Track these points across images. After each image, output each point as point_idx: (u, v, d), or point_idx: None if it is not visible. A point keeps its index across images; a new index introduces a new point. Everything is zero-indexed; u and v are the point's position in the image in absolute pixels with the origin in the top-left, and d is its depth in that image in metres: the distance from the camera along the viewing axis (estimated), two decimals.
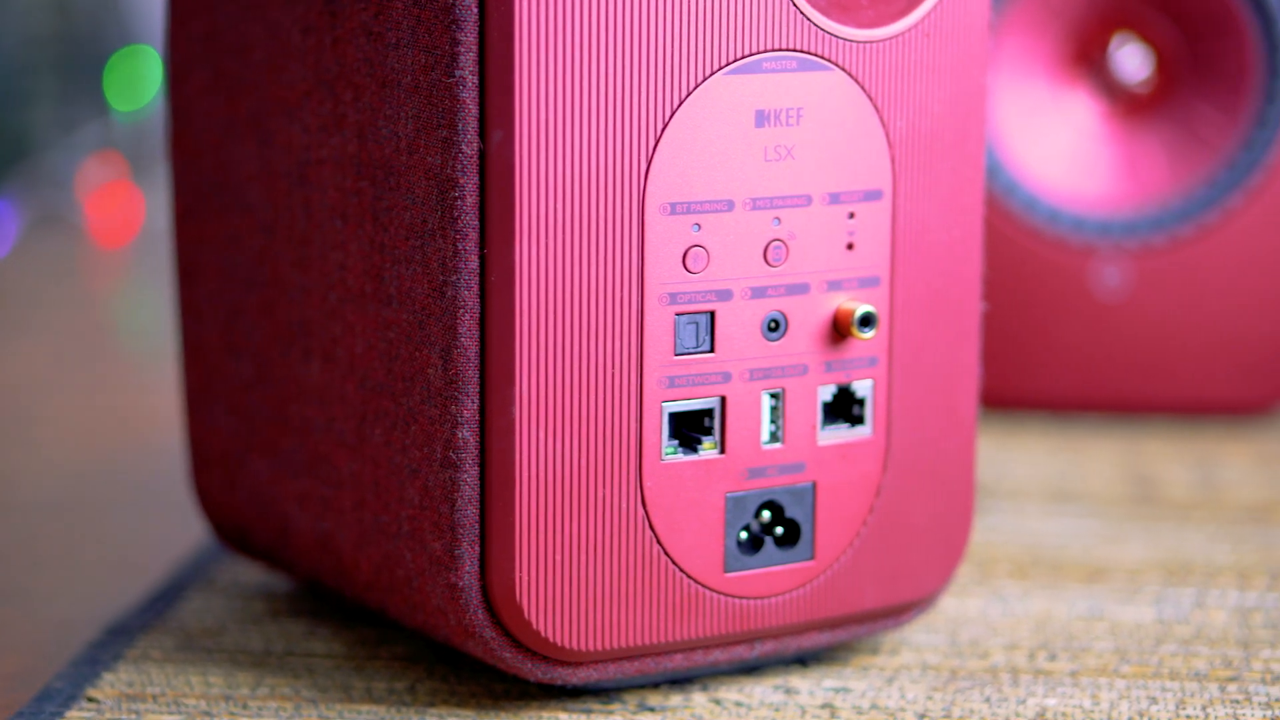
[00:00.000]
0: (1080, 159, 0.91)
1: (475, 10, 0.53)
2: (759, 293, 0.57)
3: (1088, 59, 0.91)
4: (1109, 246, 0.90)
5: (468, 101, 0.54)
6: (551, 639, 0.56)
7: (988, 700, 0.60)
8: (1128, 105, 0.91)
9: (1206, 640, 0.65)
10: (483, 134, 0.54)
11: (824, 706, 0.59)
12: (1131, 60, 0.91)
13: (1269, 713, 0.59)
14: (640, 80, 0.54)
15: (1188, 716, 0.58)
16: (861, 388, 0.59)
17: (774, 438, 0.58)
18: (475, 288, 0.55)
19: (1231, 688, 0.61)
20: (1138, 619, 0.67)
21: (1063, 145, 0.91)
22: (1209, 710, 0.59)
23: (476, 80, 0.54)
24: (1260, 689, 0.60)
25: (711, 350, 0.57)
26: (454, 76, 0.54)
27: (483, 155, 0.54)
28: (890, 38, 0.58)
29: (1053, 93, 0.91)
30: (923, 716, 0.58)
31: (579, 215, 0.54)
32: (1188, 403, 0.91)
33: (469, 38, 0.53)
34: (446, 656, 0.62)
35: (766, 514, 0.59)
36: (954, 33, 0.59)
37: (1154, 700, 0.60)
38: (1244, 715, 0.58)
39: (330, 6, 0.58)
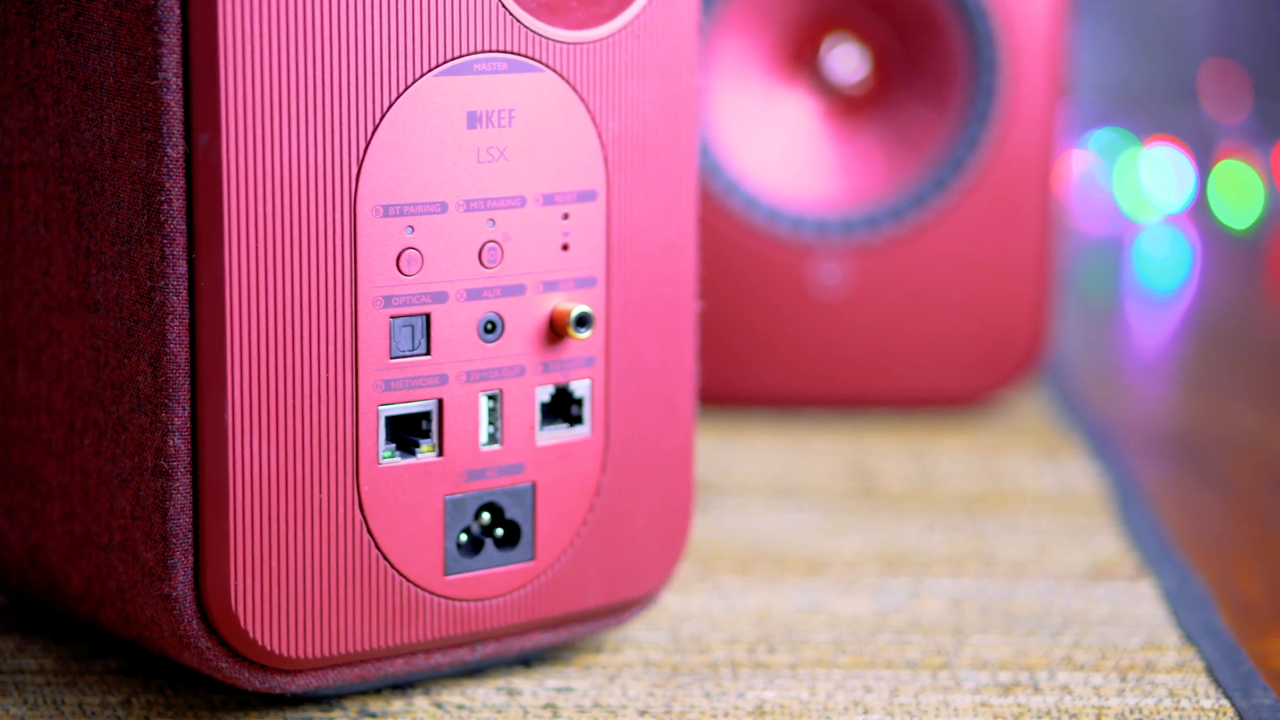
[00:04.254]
0: (798, 159, 0.92)
1: (178, 11, 0.52)
2: (474, 294, 0.57)
3: (804, 60, 0.93)
4: (827, 245, 0.91)
5: (172, 104, 0.53)
6: (268, 647, 0.55)
7: (708, 695, 0.60)
8: (845, 105, 0.93)
9: (920, 629, 0.66)
10: (189, 137, 0.53)
11: (546, 706, 0.59)
12: (847, 60, 0.93)
13: (978, 698, 0.60)
14: (349, 82, 0.54)
15: (900, 705, 0.60)
16: (579, 388, 0.60)
17: (492, 439, 0.58)
18: (184, 293, 0.54)
19: (943, 675, 0.62)
20: (855, 610, 0.68)
21: (781, 145, 0.92)
22: (921, 698, 0.60)
23: (181, 82, 0.53)
24: (970, 675, 0.62)
25: (428, 353, 0.57)
26: (157, 79, 0.53)
27: (189, 158, 0.53)
28: (600, 39, 0.58)
29: (770, 93, 0.93)
30: (644, 713, 0.59)
31: (290, 218, 0.54)
32: (906, 396, 0.93)
33: (172, 39, 0.52)
34: (163, 669, 0.61)
35: (486, 516, 0.59)
36: (663, 34, 0.59)
37: (869, 689, 0.61)
38: (954, 701, 0.60)
39: (29, 7, 0.57)
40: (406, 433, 0.57)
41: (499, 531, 0.59)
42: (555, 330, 0.59)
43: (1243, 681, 0.61)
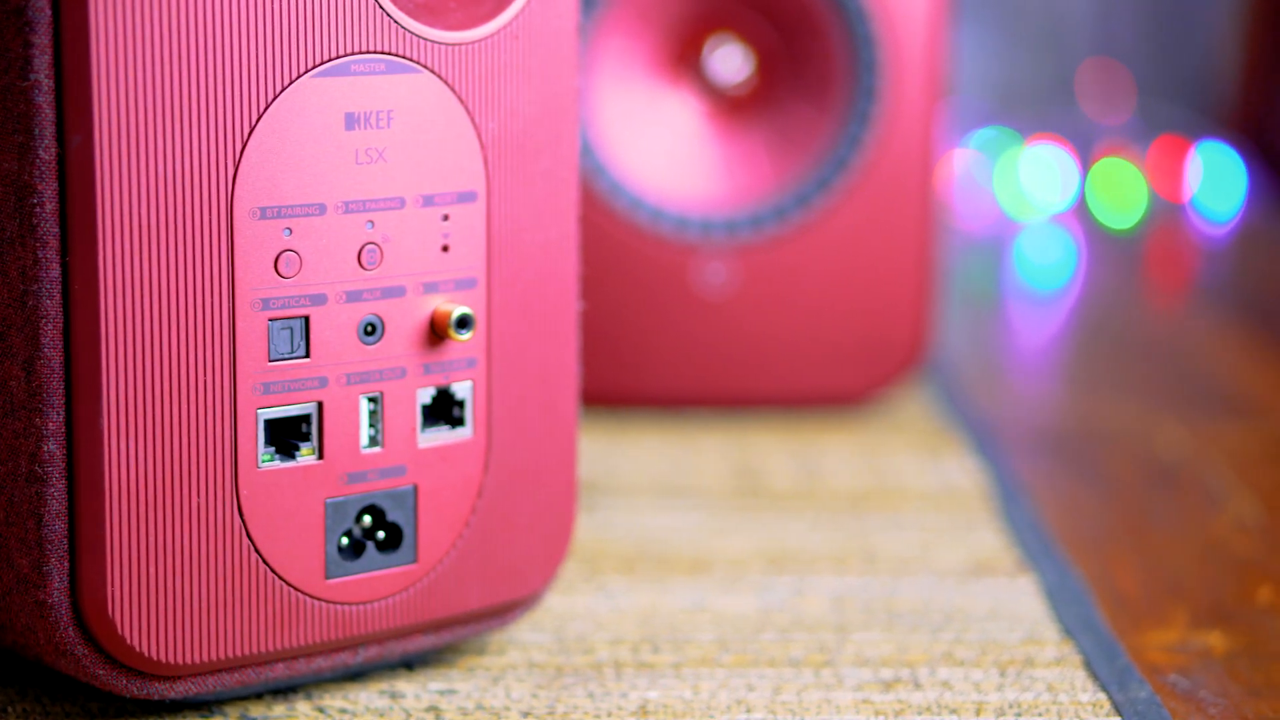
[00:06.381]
0: (682, 159, 0.93)
1: (49, 12, 0.52)
2: (354, 296, 0.57)
3: (687, 60, 0.93)
4: (711, 245, 0.91)
5: (43, 105, 0.52)
6: (146, 653, 0.55)
7: (591, 696, 0.60)
8: (728, 105, 0.93)
9: (804, 627, 0.66)
10: (61, 139, 0.52)
11: (429, 709, 0.59)
12: (729, 61, 0.93)
13: (860, 695, 0.61)
14: (224, 83, 0.54)
15: (783, 702, 0.60)
16: (461, 389, 0.59)
17: (373, 442, 0.58)
18: (58, 297, 0.53)
19: (825, 672, 0.62)
20: (739, 609, 0.68)
21: (665, 146, 0.93)
22: (803, 695, 0.60)
23: (52, 84, 0.52)
24: (852, 671, 0.62)
25: (307, 355, 0.57)
26: (28, 80, 0.52)
27: (62, 161, 0.53)
28: (479, 40, 0.58)
29: (654, 94, 0.93)
30: (527, 715, 0.59)
31: (165, 221, 0.53)
32: (791, 395, 0.93)
33: (43, 40, 0.52)
34: (39, 676, 0.60)
35: (368, 518, 0.59)
36: (543, 35, 0.59)
37: (751, 688, 0.61)
38: (836, 698, 0.60)
39: None
40: (286, 436, 0.57)
41: (380, 534, 0.59)
42: (436, 332, 0.58)
43: (1119, 675, 0.62)
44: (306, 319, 0.56)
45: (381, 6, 0.56)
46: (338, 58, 0.55)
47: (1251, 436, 0.92)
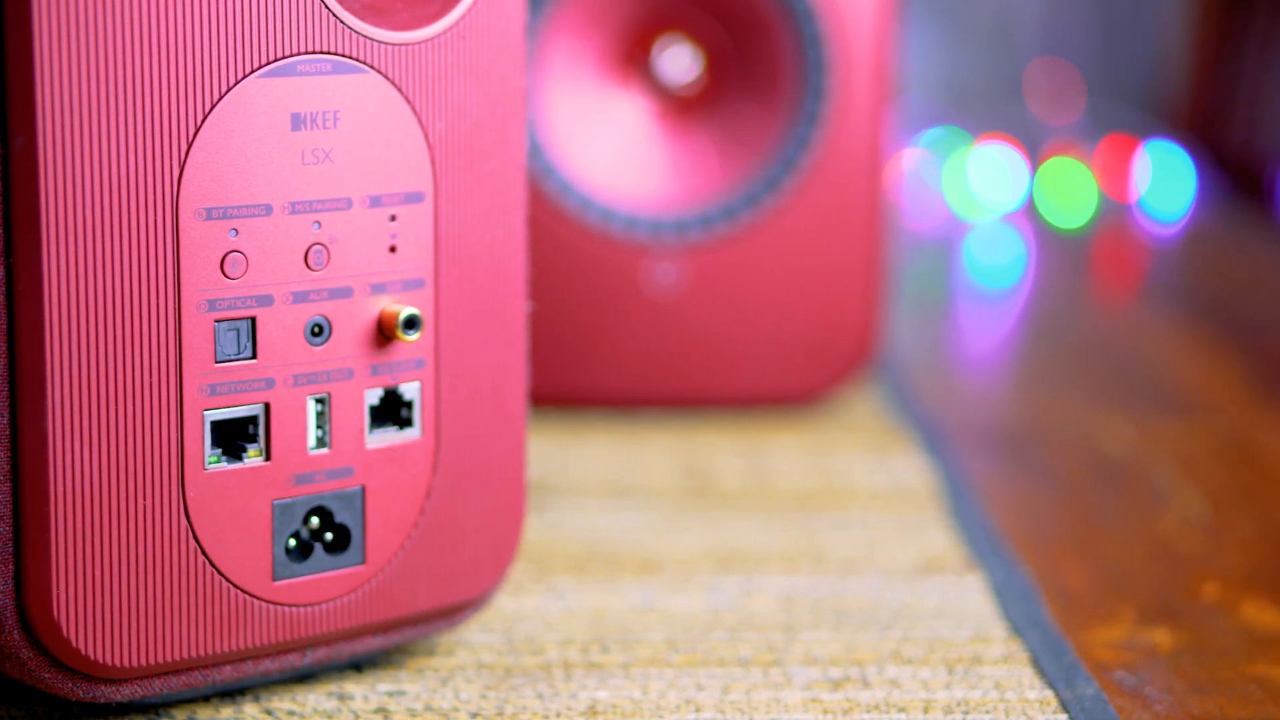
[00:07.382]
0: (632, 159, 0.93)
1: None
2: (301, 297, 0.57)
3: (636, 61, 0.93)
4: (661, 245, 0.91)
5: None
6: (92, 656, 0.55)
7: (540, 696, 0.60)
8: (677, 105, 0.93)
9: (753, 626, 0.67)
10: (4, 140, 0.52)
11: (378, 711, 0.59)
12: (678, 61, 0.93)
13: (809, 694, 0.61)
14: (170, 83, 0.53)
15: (732, 702, 0.60)
16: (409, 390, 0.59)
17: (321, 443, 0.58)
18: (1, 298, 0.53)
19: (774, 671, 0.63)
20: (688, 609, 0.68)
21: (615, 146, 0.93)
22: (752, 694, 0.61)
23: None
24: (800, 670, 0.63)
25: (254, 357, 0.56)
26: None
27: (5, 162, 0.52)
28: (425, 40, 0.58)
29: (603, 95, 0.93)
30: (476, 716, 0.59)
31: (110, 222, 0.53)
32: (740, 395, 0.93)
33: None
34: None
35: (315, 520, 0.58)
36: (490, 35, 0.59)
37: (701, 688, 0.61)
38: (785, 697, 0.60)
39: None
40: (233, 437, 0.57)
41: (328, 536, 0.59)
42: (384, 333, 0.58)
43: (1066, 672, 0.62)
44: (253, 320, 0.56)
45: (327, 6, 0.56)
46: (284, 58, 0.55)
47: (1198, 434, 0.93)
